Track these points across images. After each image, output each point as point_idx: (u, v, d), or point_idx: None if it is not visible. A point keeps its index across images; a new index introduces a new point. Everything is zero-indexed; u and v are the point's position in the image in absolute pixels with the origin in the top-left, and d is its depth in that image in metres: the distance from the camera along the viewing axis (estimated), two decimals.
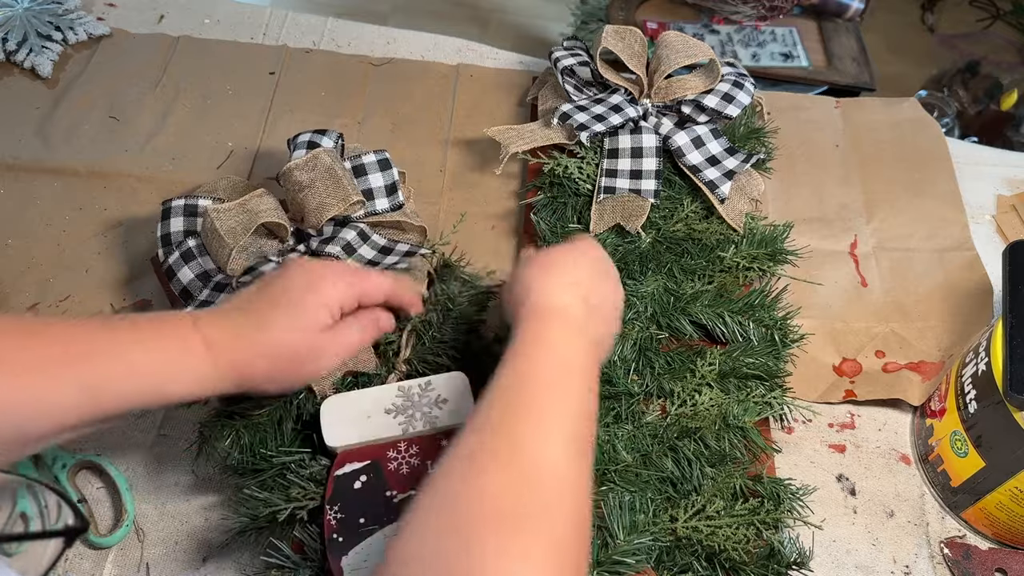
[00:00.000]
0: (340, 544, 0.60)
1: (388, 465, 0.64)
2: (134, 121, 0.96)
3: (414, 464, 0.63)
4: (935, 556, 0.72)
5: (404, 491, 0.62)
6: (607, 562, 0.60)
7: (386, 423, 0.65)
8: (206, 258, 0.72)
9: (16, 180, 0.90)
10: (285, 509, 0.63)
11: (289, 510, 0.63)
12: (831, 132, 1.01)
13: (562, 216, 0.83)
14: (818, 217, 0.93)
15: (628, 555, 0.60)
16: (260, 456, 0.66)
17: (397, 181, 0.78)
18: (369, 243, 0.74)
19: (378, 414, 0.65)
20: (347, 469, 0.63)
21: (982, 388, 0.68)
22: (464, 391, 0.66)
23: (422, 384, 0.66)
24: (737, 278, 0.80)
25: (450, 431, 0.63)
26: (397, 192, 0.77)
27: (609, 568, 0.60)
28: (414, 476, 0.62)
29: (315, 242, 0.73)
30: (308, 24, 1.09)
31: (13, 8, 1.04)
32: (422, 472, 0.62)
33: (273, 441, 0.66)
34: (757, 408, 0.72)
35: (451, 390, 0.66)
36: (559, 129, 0.85)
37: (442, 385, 0.66)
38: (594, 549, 0.60)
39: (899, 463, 0.78)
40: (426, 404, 0.65)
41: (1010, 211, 0.96)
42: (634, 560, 0.61)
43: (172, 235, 0.75)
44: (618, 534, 0.61)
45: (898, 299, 0.86)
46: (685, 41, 0.86)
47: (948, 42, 2.11)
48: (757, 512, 0.66)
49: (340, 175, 0.73)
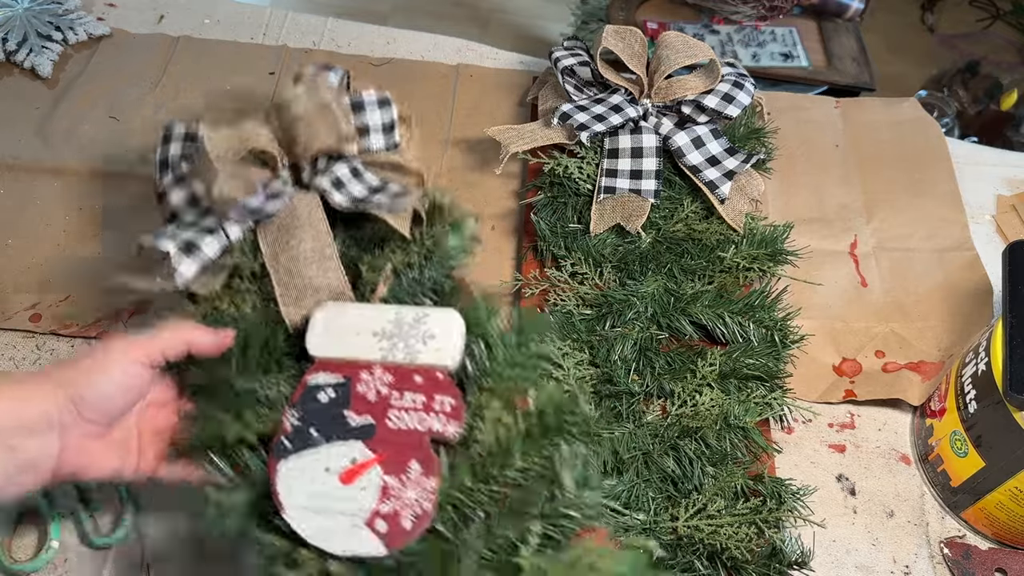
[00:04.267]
0: (285, 449, 0.59)
1: (357, 386, 0.62)
2: (134, 121, 0.96)
3: (382, 393, 0.61)
4: (935, 556, 0.73)
5: (361, 415, 0.61)
6: (552, 515, 0.58)
7: (368, 345, 0.63)
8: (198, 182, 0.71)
9: (16, 180, 0.90)
10: (235, 431, 0.61)
11: (239, 432, 0.61)
12: (831, 132, 1.01)
13: (562, 216, 0.83)
14: (818, 217, 0.93)
15: (575, 509, 0.57)
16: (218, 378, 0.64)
17: (395, 120, 0.76)
18: (361, 181, 0.72)
19: (365, 334, 0.64)
20: (319, 379, 0.62)
21: (982, 388, 0.68)
22: (456, 332, 0.63)
23: (417, 315, 0.64)
24: (737, 278, 0.80)
25: (425, 369, 0.62)
26: (394, 132, 0.75)
27: (554, 521, 0.57)
28: (379, 404, 0.61)
29: (306, 174, 0.72)
30: (308, 24, 1.09)
31: (13, 8, 1.04)
32: (386, 402, 0.61)
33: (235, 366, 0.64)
34: (757, 408, 0.72)
35: (443, 328, 0.64)
36: (559, 129, 0.85)
37: (434, 321, 0.64)
38: (539, 501, 0.58)
39: (899, 463, 0.78)
40: (413, 337, 0.63)
41: (1010, 211, 0.96)
42: (581, 515, 0.58)
43: (169, 159, 0.75)
44: (568, 487, 0.58)
45: (898, 299, 0.86)
46: (685, 41, 0.86)
47: (948, 42, 2.11)
48: (759, 511, 0.66)
49: (334, 108, 0.71)
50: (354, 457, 0.59)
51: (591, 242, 0.80)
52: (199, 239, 0.67)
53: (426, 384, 0.61)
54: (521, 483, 0.59)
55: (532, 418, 0.61)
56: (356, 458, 0.59)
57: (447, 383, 0.61)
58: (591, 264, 0.80)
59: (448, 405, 0.60)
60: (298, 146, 0.71)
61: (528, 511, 0.57)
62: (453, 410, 0.60)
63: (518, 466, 0.59)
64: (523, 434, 0.60)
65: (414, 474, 0.58)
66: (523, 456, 0.59)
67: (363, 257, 0.71)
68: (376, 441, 0.59)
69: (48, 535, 0.68)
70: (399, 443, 0.59)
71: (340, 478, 0.58)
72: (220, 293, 0.69)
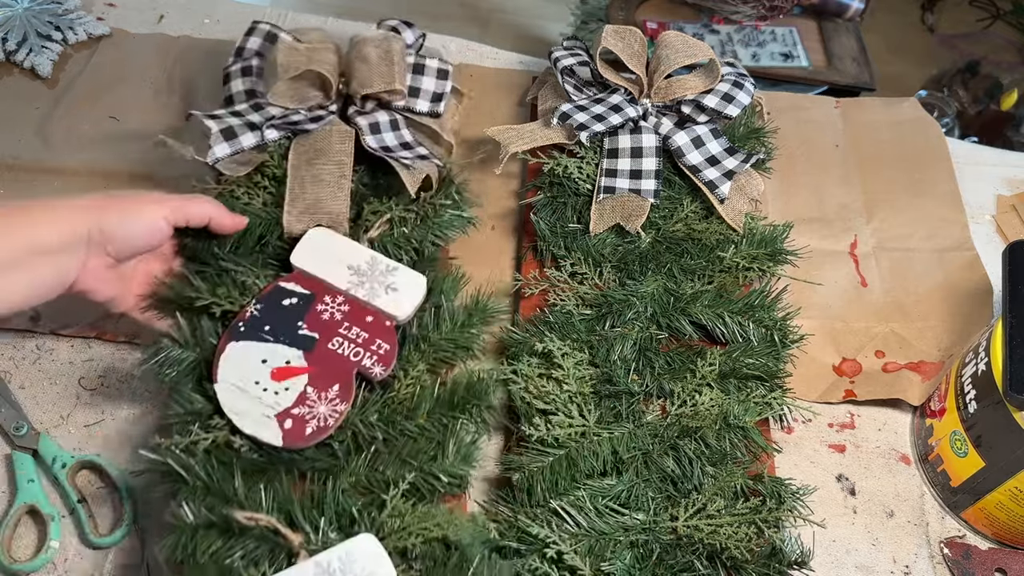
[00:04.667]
0: (239, 332, 0.68)
1: (318, 305, 0.70)
2: (134, 121, 0.96)
3: (336, 318, 0.70)
4: (935, 556, 0.73)
5: (311, 329, 0.68)
6: (427, 472, 0.64)
7: (340, 274, 0.71)
8: (261, 80, 0.83)
9: (16, 180, 0.90)
10: (205, 300, 0.69)
11: (208, 302, 0.69)
12: (831, 132, 1.01)
13: (562, 216, 0.83)
14: (818, 217, 0.93)
15: (445, 474, 0.64)
16: (212, 253, 0.73)
17: (446, 93, 0.83)
18: (395, 134, 0.80)
19: (342, 264, 0.72)
20: (290, 285, 0.71)
21: (982, 388, 0.68)
22: (415, 293, 0.71)
23: (389, 266, 0.72)
24: (737, 278, 0.80)
25: (377, 312, 0.70)
26: (441, 102, 0.83)
27: (426, 478, 0.64)
28: (329, 325, 0.69)
29: (352, 109, 0.81)
30: (308, 24, 1.09)
31: (13, 8, 1.04)
32: (336, 327, 0.69)
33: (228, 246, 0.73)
34: (757, 408, 0.72)
35: (406, 286, 0.71)
36: (559, 129, 0.85)
37: (402, 278, 0.72)
38: (422, 457, 0.65)
39: (899, 463, 0.78)
40: (379, 284, 0.71)
41: (1010, 211, 0.96)
42: (448, 480, 0.64)
43: (245, 49, 0.86)
44: (448, 454, 0.65)
45: (898, 299, 0.86)
46: (685, 41, 0.86)
47: (948, 42, 2.11)
48: (759, 511, 0.66)
49: (395, 62, 0.79)
50: (289, 360, 0.67)
51: (591, 242, 0.80)
52: (240, 129, 0.77)
53: (373, 325, 0.70)
54: (415, 437, 0.67)
55: (446, 389, 0.69)
56: (291, 362, 0.67)
57: (390, 331, 0.69)
58: (591, 264, 0.80)
59: (383, 349, 0.68)
60: (353, 83, 0.80)
61: (410, 461, 0.65)
62: (386, 354, 0.68)
63: (419, 422, 0.67)
64: (434, 399, 0.68)
65: (331, 394, 0.66)
66: (427, 416, 0.68)
67: (369, 198, 0.78)
68: (314, 355, 0.67)
69: (48, 535, 0.68)
70: (331, 364, 0.67)
71: (272, 373, 0.66)
72: (241, 181, 0.78)
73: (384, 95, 0.80)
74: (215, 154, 0.75)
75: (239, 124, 0.77)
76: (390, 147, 0.78)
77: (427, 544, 0.61)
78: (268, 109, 0.79)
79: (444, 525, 0.61)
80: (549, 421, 0.69)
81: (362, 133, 0.78)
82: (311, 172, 0.76)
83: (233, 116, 0.78)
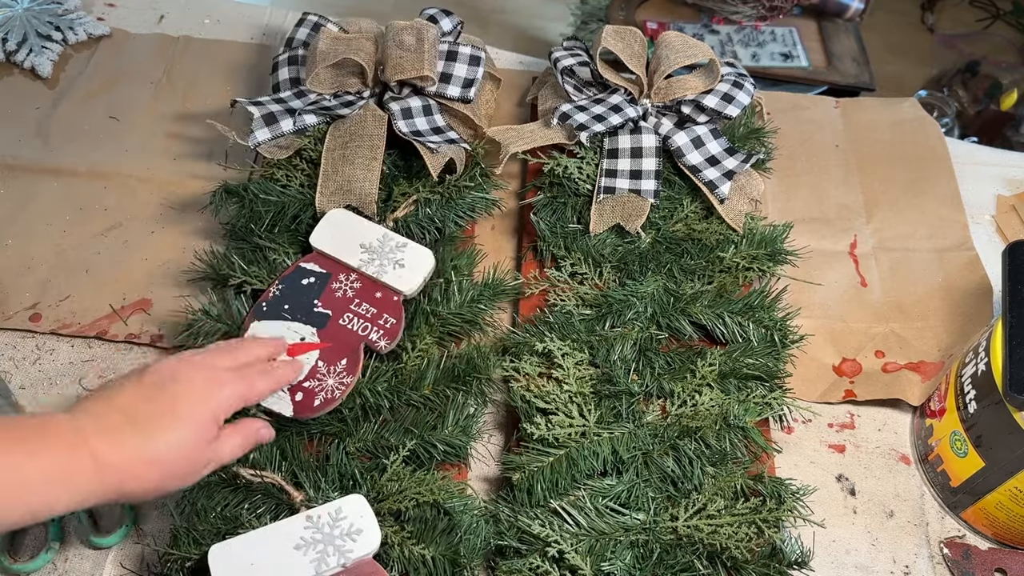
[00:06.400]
0: (262, 311, 0.73)
1: (333, 283, 0.74)
2: (134, 121, 0.96)
3: (348, 295, 0.73)
4: (935, 556, 0.73)
5: (325, 308, 0.73)
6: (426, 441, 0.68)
7: (353, 252, 0.75)
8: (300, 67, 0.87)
9: (16, 180, 0.91)
10: (237, 277, 0.75)
11: (240, 280, 0.75)
12: (831, 132, 1.01)
13: (562, 216, 0.83)
14: (818, 217, 0.93)
15: (443, 443, 0.68)
16: (249, 230, 0.78)
17: (478, 79, 0.85)
18: (428, 119, 0.83)
19: (355, 243, 0.75)
20: (309, 265, 0.75)
21: (982, 388, 0.68)
22: (423, 269, 0.74)
23: (399, 243, 0.75)
24: (737, 278, 0.80)
25: (385, 287, 0.73)
26: (471, 88, 0.85)
27: (425, 445, 0.68)
28: (341, 302, 0.73)
29: (387, 96, 0.84)
30: None
31: (13, 8, 1.04)
32: (347, 303, 0.73)
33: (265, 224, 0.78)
34: (757, 408, 0.72)
35: (414, 261, 0.75)
36: (559, 129, 0.85)
37: (411, 253, 0.75)
38: (423, 426, 0.69)
39: (899, 463, 0.78)
40: (388, 259, 0.74)
41: (1010, 211, 0.96)
42: (445, 448, 0.68)
43: (294, 39, 0.90)
44: (448, 424, 0.69)
45: (898, 299, 0.86)
46: (685, 41, 0.86)
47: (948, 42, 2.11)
48: (759, 511, 0.66)
49: (427, 48, 0.81)
50: (304, 337, 0.71)
51: (591, 242, 0.80)
52: (280, 115, 0.81)
53: (382, 300, 0.73)
54: (419, 407, 0.71)
55: (451, 362, 0.73)
56: (306, 338, 0.71)
57: (397, 306, 0.73)
58: (591, 264, 0.80)
59: (389, 323, 0.72)
60: (387, 70, 0.82)
61: (412, 429, 0.69)
62: (392, 328, 0.72)
63: (423, 393, 0.71)
64: (439, 371, 0.72)
65: (340, 368, 0.70)
66: (431, 387, 0.71)
67: (399, 180, 0.82)
68: (326, 332, 0.72)
69: (48, 535, 0.68)
70: (341, 339, 0.71)
71: (288, 348, 0.70)
72: (280, 163, 0.82)
73: (416, 81, 0.83)
74: (256, 138, 0.79)
75: (280, 110, 0.81)
76: (421, 132, 0.81)
77: (419, 508, 0.65)
78: (308, 96, 0.83)
79: (436, 491, 0.65)
80: (549, 421, 0.69)
81: (394, 118, 0.81)
82: (344, 154, 0.80)
83: (275, 103, 0.82)
